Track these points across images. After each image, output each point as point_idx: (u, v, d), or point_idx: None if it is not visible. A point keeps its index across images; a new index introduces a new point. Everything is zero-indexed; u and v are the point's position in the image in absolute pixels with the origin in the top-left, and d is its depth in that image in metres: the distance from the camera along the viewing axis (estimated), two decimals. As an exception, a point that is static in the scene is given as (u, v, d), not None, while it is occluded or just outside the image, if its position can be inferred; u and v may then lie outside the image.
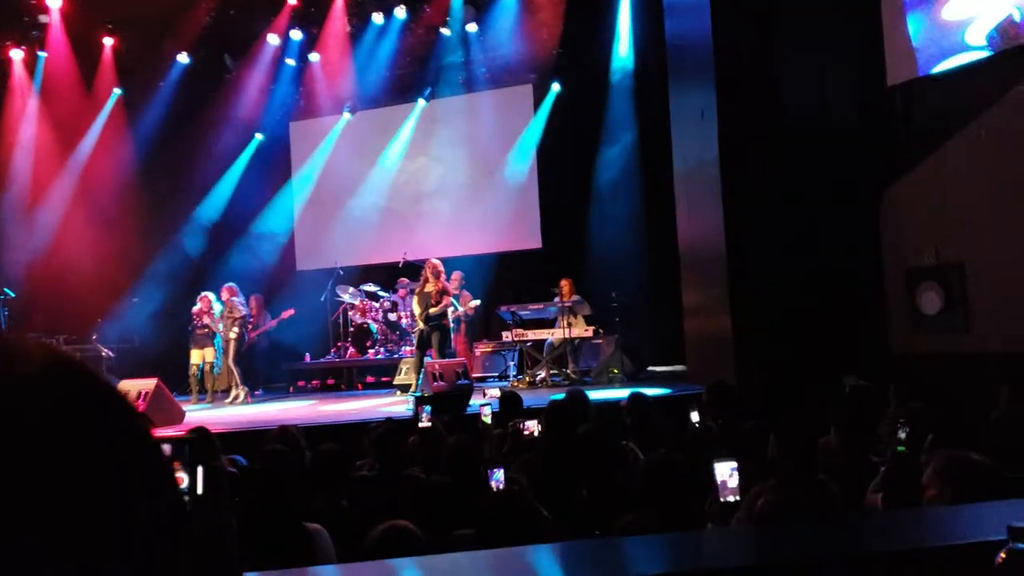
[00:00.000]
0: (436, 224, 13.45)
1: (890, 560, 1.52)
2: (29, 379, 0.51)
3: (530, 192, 13.18)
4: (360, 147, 14.08)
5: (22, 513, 0.47)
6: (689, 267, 10.05)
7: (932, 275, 8.27)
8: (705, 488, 3.19)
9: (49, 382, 0.52)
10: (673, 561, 1.68)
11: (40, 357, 0.53)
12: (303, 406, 10.34)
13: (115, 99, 13.12)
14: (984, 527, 1.55)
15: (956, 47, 8.10)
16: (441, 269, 10.04)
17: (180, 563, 0.54)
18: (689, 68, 9.69)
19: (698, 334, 9.82)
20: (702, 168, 9.18)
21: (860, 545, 1.60)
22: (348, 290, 12.55)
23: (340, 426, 7.58)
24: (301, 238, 14.48)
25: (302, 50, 13.52)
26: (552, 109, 13.10)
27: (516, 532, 2.70)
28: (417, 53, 13.39)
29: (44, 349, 0.54)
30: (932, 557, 1.50)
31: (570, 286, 10.82)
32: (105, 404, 0.54)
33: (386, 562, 2.29)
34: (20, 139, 12.66)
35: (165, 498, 0.55)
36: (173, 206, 13.51)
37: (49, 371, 0.52)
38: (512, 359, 11.45)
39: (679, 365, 10.74)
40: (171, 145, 13.10)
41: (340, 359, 12.59)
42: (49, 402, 0.51)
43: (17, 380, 0.51)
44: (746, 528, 2.95)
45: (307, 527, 3.25)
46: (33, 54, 12.63)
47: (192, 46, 12.85)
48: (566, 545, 2.22)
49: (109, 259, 12.25)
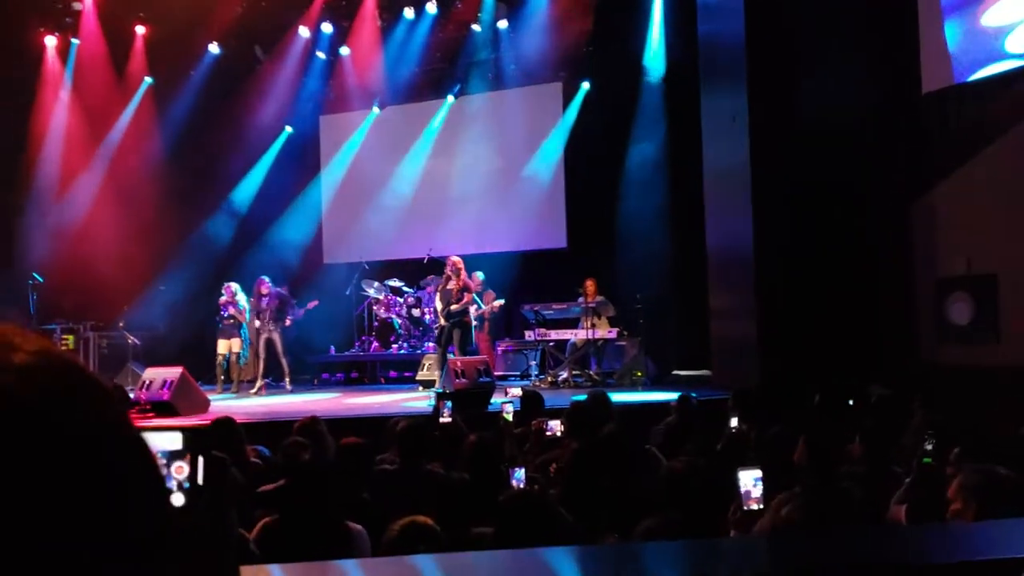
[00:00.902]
0: (462, 221, 13.45)
1: (913, 574, 1.50)
2: (19, 369, 0.52)
3: (557, 191, 13.16)
4: (389, 142, 14.12)
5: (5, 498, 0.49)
6: (716, 270, 9.99)
7: (963, 285, 8.17)
8: (729, 495, 3.17)
9: (38, 372, 0.53)
10: (691, 568, 1.67)
11: (32, 348, 0.54)
12: (328, 399, 10.40)
13: (145, 88, 13.22)
14: (1010, 544, 1.53)
15: (995, 55, 7.99)
16: (461, 266, 10.04)
17: (160, 559, 0.55)
18: (721, 70, 9.63)
19: (723, 338, 9.76)
20: (732, 171, 9.12)
21: (883, 558, 1.58)
22: (373, 285, 12.61)
23: (363, 419, 7.62)
24: (328, 232, 14.56)
25: (333, 44, 13.58)
26: (581, 108, 13.05)
27: (535, 532, 2.70)
28: (447, 49, 13.40)
29: (37, 341, 0.55)
30: (956, 573, 1.48)
31: (595, 286, 10.78)
32: (91, 396, 0.55)
33: (405, 558, 2.30)
34: (51, 126, 12.80)
35: (146, 492, 0.56)
36: (201, 196, 13.58)
37: (39, 362, 0.53)
38: (534, 358, 11.43)
39: (704, 370, 10.67)
40: (200, 135, 13.18)
41: (364, 353, 12.65)
42: (37, 391, 0.52)
43: (6, 369, 0.52)
44: (766, 536, 2.93)
45: (349, 527, 3.25)
46: (66, 41, 12.74)
47: (223, 37, 12.91)
48: (584, 548, 2.22)
49: (137, 247, 12.37)
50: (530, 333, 10.98)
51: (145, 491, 0.56)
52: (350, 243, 13.90)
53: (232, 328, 10.97)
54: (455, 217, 13.57)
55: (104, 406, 0.56)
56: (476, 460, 3.88)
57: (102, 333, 12.13)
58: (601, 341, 10.72)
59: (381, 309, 12.53)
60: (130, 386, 9.50)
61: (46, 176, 12.76)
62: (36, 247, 12.40)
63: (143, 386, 8.46)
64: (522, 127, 13.37)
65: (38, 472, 0.50)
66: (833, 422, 5.22)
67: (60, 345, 10.31)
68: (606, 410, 5.74)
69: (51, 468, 0.50)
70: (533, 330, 10.95)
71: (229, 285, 11.03)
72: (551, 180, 13.20)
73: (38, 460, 0.50)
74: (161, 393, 8.25)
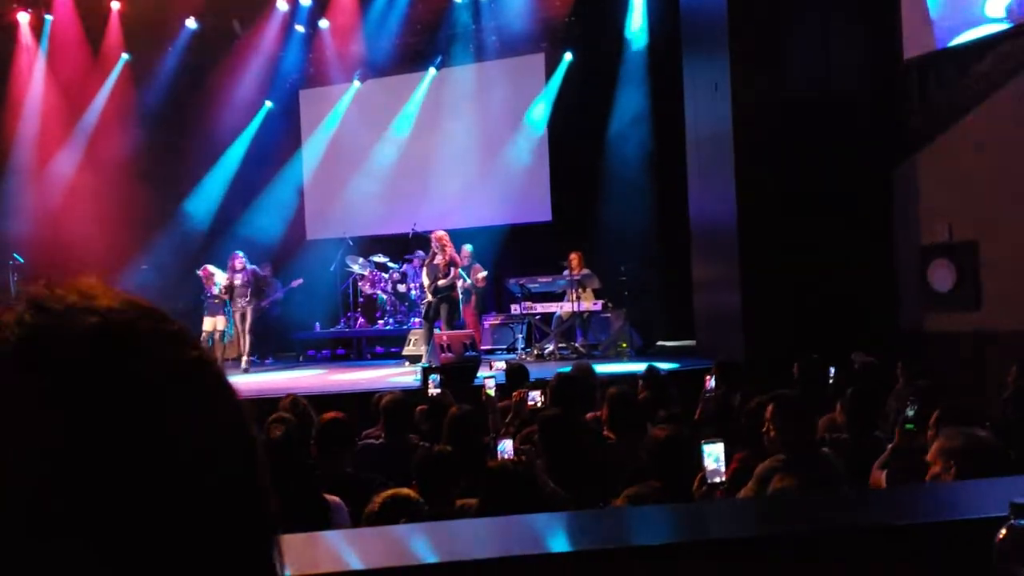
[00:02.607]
0: (446, 195, 13.39)
1: (891, 534, 1.51)
2: (106, 311, 0.55)
3: (541, 163, 13.10)
4: (370, 116, 14.01)
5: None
6: (700, 241, 10.00)
7: (945, 252, 8.21)
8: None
9: (126, 311, 0.56)
10: (675, 531, 1.68)
11: (115, 294, 0.57)
12: (313, 375, 10.39)
13: (122, 64, 13.03)
14: (986, 503, 1.54)
15: (975, 19, 7.97)
16: (447, 240, 9.98)
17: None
18: (703, 39, 9.58)
19: (708, 308, 9.80)
20: (715, 141, 9.10)
21: (860, 519, 1.59)
22: (358, 261, 12.56)
23: (349, 395, 7.61)
24: (311, 208, 14.46)
25: (312, 16, 13.40)
26: (564, 79, 12.97)
27: (519, 503, 2.70)
28: (428, 21, 13.25)
29: (118, 293, 0.58)
30: (933, 532, 1.49)
31: (579, 259, 10.78)
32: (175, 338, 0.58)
33: (388, 528, 2.30)
34: (27, 104, 12.60)
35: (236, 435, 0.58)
36: (182, 173, 13.45)
37: (124, 306, 0.56)
38: (520, 332, 11.45)
39: (689, 340, 10.72)
40: (179, 111, 13.03)
41: (350, 329, 12.63)
42: (126, 329, 0.54)
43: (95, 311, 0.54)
44: (748, 500, 2.95)
45: (326, 499, 3.25)
46: (39, 17, 12.51)
47: (200, 11, 12.73)
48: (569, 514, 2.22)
49: (118, 226, 12.24)
50: (516, 307, 10.98)
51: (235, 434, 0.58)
52: (333, 219, 13.82)
53: (217, 306, 10.95)
54: (439, 191, 13.50)
55: (186, 349, 0.57)
56: (456, 433, 3.88)
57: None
58: (587, 313, 10.74)
59: (366, 285, 12.49)
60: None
61: (23, 156, 12.58)
62: (15, 228, 12.25)
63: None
64: (505, 99, 13.28)
65: (130, 413, 0.51)
66: (814, 390, 5.26)
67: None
68: (591, 382, 5.76)
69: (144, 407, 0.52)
70: (519, 304, 10.95)
71: (205, 267, 11.02)
72: (535, 153, 13.15)
73: (131, 397, 0.52)
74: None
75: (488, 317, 11.87)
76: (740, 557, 1.53)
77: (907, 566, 1.49)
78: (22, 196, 12.48)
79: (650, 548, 1.55)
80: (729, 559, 1.53)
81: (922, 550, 1.49)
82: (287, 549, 0.59)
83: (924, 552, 1.48)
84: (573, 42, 12.87)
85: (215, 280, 10.90)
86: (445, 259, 9.79)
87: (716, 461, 3.04)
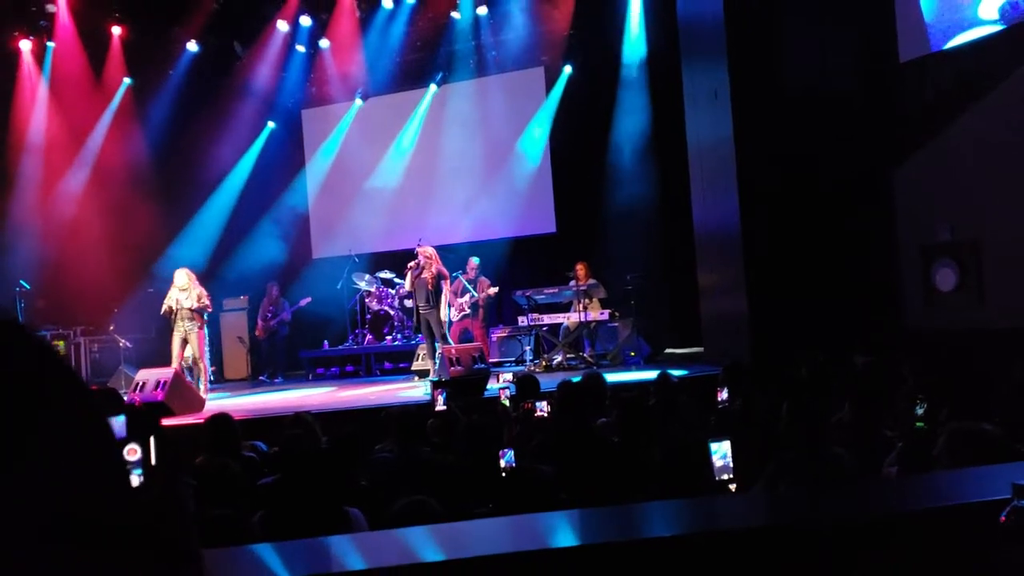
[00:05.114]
0: (450, 209, 13.46)
1: (898, 520, 1.54)
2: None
3: (544, 176, 13.17)
4: (373, 134, 14.10)
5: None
6: (704, 248, 10.04)
7: (948, 252, 8.23)
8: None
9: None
10: (686, 523, 1.71)
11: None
12: (323, 392, 10.42)
13: (125, 88, 13.13)
14: (989, 487, 1.57)
15: (968, 22, 8.03)
16: (429, 253, 9.89)
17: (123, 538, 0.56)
18: (702, 48, 9.65)
19: (714, 315, 9.82)
20: (717, 148, 9.15)
21: (869, 507, 1.62)
22: (364, 277, 12.62)
23: (360, 411, 7.65)
24: (316, 226, 14.54)
25: (312, 36, 13.51)
26: (564, 92, 13.05)
27: (533, 509, 2.73)
28: (428, 38, 13.36)
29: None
30: (938, 517, 1.52)
31: (585, 269, 10.83)
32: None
33: (407, 530, 2.34)
34: (31, 131, 12.70)
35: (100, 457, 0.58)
36: (187, 195, 13.52)
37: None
38: (528, 344, 11.48)
39: (696, 347, 10.74)
40: (182, 134, 13.10)
41: (358, 346, 12.67)
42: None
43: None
44: (757, 493, 2.98)
45: (346, 510, 3.29)
46: (42, 45, 12.63)
47: (201, 34, 12.84)
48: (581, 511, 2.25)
49: (124, 249, 12.32)
50: (523, 318, 11.02)
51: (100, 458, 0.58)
52: (339, 237, 13.88)
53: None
54: (443, 206, 13.57)
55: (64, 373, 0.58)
56: (469, 444, 3.91)
57: (93, 338, 12.11)
58: (594, 323, 10.77)
59: (373, 301, 12.54)
60: (123, 389, 9.48)
61: (28, 182, 12.67)
62: (21, 254, 12.33)
63: (136, 388, 8.41)
64: (506, 113, 13.36)
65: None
66: (821, 391, 5.28)
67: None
68: (601, 391, 5.79)
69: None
70: (526, 315, 10.99)
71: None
72: (537, 166, 13.22)
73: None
74: (155, 394, 8.21)
75: (496, 330, 11.91)
76: (749, 548, 1.56)
77: (915, 551, 1.52)
78: (28, 222, 12.57)
79: (659, 540, 1.59)
80: (738, 550, 1.56)
81: (930, 534, 1.52)
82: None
83: (932, 536, 1.51)
84: (573, 55, 12.97)
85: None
86: (432, 274, 9.77)
87: (723, 458, 3.08)
